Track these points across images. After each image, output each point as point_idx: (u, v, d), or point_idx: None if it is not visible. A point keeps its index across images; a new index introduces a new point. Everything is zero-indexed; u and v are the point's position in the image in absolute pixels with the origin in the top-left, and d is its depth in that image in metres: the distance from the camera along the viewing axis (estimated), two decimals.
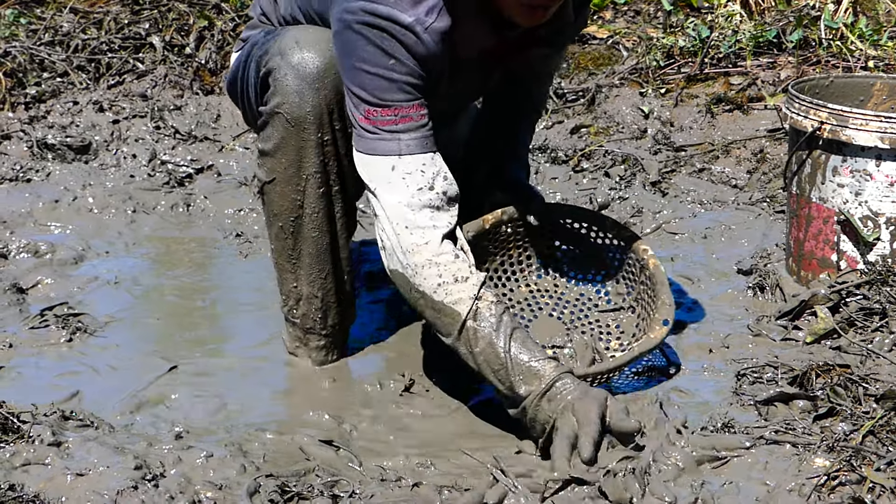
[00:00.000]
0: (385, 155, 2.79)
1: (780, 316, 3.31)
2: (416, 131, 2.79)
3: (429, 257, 2.77)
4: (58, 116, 4.71)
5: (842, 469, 2.51)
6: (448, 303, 2.75)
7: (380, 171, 2.80)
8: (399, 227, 2.78)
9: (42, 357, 3.19)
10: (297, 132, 2.94)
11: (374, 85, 2.76)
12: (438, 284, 2.76)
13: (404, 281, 2.80)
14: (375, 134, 2.78)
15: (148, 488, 2.46)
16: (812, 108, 3.36)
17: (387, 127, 2.77)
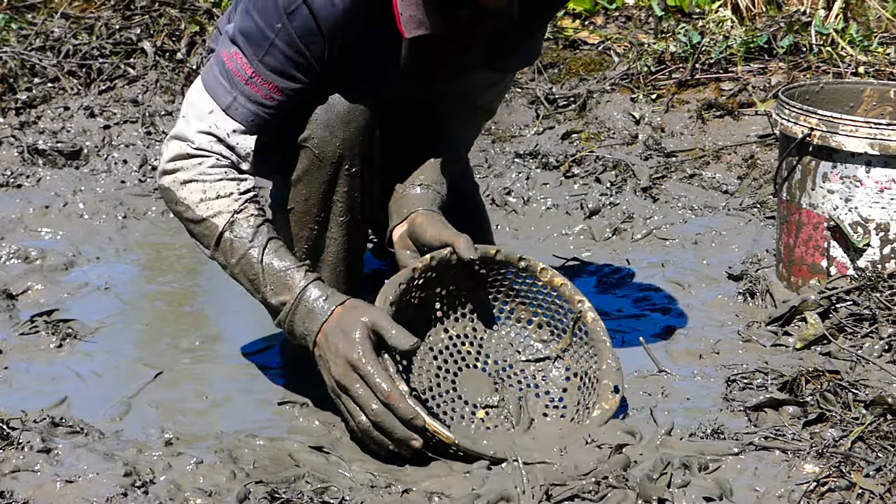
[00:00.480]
0: (213, 98, 2.79)
1: (771, 322, 3.31)
2: (253, 103, 2.77)
3: (195, 175, 2.80)
4: (48, 122, 4.70)
5: (831, 475, 2.51)
6: (207, 216, 2.80)
7: (200, 105, 2.80)
8: (184, 146, 2.80)
9: (32, 363, 3.19)
10: (324, 166, 2.86)
11: (253, 38, 2.73)
12: (201, 200, 2.80)
13: (169, 196, 2.84)
14: (220, 75, 2.77)
15: (137, 495, 2.46)
16: (802, 115, 3.37)
17: (235, 78, 2.76)
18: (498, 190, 4.31)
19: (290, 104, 2.81)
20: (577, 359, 2.92)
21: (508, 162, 4.53)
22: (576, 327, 2.90)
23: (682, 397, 3.03)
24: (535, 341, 2.97)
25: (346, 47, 2.76)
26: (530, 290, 2.94)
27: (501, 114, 4.84)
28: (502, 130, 4.78)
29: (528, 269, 2.91)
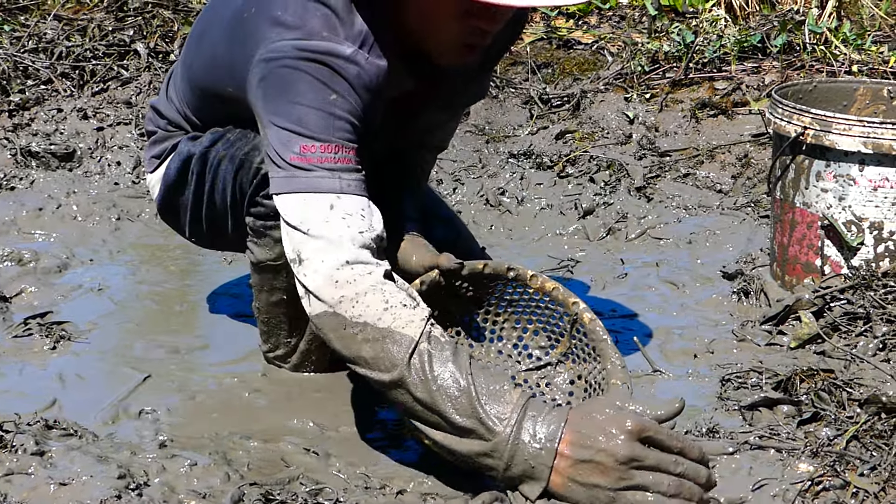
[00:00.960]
0: (325, 192, 2.51)
1: (765, 321, 3.31)
2: (354, 173, 2.55)
3: (373, 283, 2.44)
4: (42, 124, 4.70)
5: (826, 474, 2.51)
6: (395, 327, 2.40)
7: (317, 211, 2.51)
8: (337, 263, 2.46)
9: (25, 365, 3.18)
10: None
11: (313, 120, 2.53)
12: (385, 309, 2.42)
13: (337, 321, 2.44)
14: (311, 171, 2.52)
15: (132, 497, 2.45)
16: (795, 113, 3.37)
17: (325, 164, 2.52)
18: (492, 190, 4.31)
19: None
20: (580, 361, 2.92)
21: (502, 162, 4.53)
22: (573, 329, 2.89)
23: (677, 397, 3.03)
24: (534, 349, 2.96)
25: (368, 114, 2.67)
26: (522, 298, 2.93)
27: (495, 114, 4.84)
28: (496, 130, 4.78)
29: (518, 277, 2.88)
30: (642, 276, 3.77)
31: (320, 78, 2.55)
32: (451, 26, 2.65)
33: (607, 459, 2.26)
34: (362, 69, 2.60)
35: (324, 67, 2.55)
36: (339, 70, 2.57)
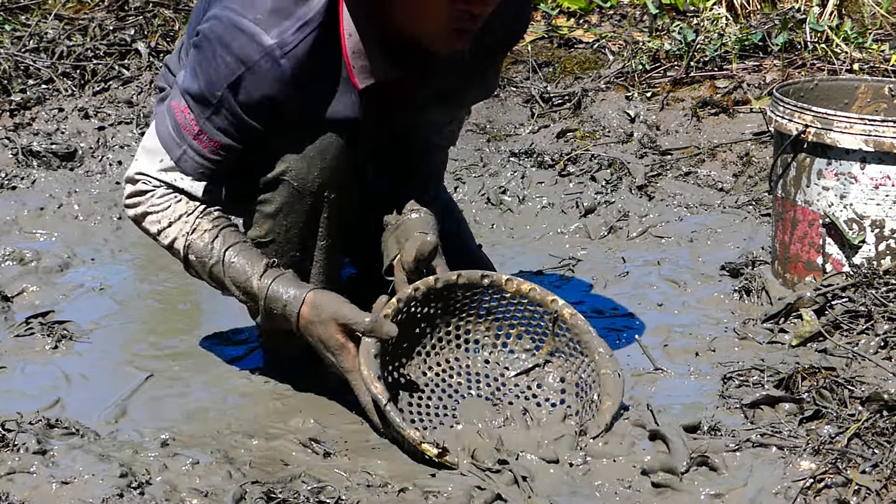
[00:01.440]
0: (165, 149, 2.86)
1: (766, 319, 3.31)
2: (201, 157, 2.84)
3: (148, 207, 2.88)
4: (43, 123, 4.69)
5: (827, 471, 2.51)
6: (167, 244, 2.90)
7: (153, 151, 2.88)
8: (137, 186, 2.89)
9: (27, 365, 3.18)
10: (304, 197, 2.88)
11: (199, 99, 2.79)
12: (158, 230, 2.90)
13: (140, 229, 2.96)
14: (171, 127, 2.84)
15: (134, 496, 2.46)
16: (797, 112, 3.37)
17: (184, 132, 2.83)
18: (493, 189, 4.31)
19: (235, 155, 2.86)
20: (567, 357, 2.91)
21: (504, 161, 4.52)
22: (555, 327, 2.89)
23: (679, 395, 3.03)
24: (520, 352, 2.95)
25: (303, 100, 2.79)
26: (500, 304, 2.92)
27: (496, 112, 4.84)
28: (497, 129, 4.78)
29: (493, 284, 2.89)
30: (644, 275, 3.76)
31: (223, 74, 2.74)
32: (439, 11, 2.67)
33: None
34: (277, 63, 2.71)
35: (235, 60, 2.72)
36: (252, 62, 2.71)
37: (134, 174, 2.91)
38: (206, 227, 2.86)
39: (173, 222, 2.87)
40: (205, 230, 2.86)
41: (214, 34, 2.75)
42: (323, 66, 2.78)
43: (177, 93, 2.85)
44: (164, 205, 2.88)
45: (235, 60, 2.72)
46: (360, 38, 2.76)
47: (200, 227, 2.86)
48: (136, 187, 2.91)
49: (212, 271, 2.87)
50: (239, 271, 2.84)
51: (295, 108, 2.78)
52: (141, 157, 2.91)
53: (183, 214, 2.87)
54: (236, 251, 2.85)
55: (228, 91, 2.75)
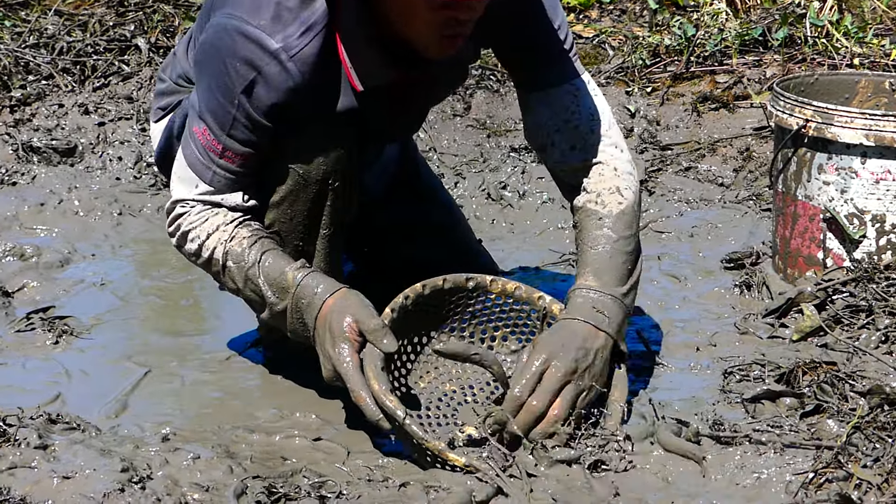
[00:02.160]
0: (195, 174, 2.87)
1: (767, 314, 3.31)
2: (231, 173, 2.85)
3: (187, 227, 2.88)
4: (43, 119, 4.69)
5: (829, 466, 2.51)
6: (208, 256, 2.88)
7: (185, 177, 2.89)
8: (175, 210, 2.91)
9: (28, 360, 3.18)
10: (310, 185, 2.88)
11: (216, 114, 2.79)
12: (199, 246, 2.88)
13: (185, 257, 2.97)
14: (198, 152, 2.85)
15: (135, 490, 2.46)
16: (797, 106, 3.37)
17: (210, 153, 2.83)
18: (493, 184, 4.31)
19: (262, 156, 2.87)
20: None
21: (504, 156, 4.52)
22: (544, 324, 2.86)
23: (680, 390, 3.03)
24: (507, 355, 2.94)
25: (310, 100, 2.80)
26: (485, 306, 2.91)
27: (497, 108, 4.84)
28: (497, 124, 4.78)
29: (478, 286, 2.88)
30: (644, 270, 3.74)
31: (235, 81, 2.74)
32: (428, 18, 2.67)
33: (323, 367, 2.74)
34: (283, 66, 2.72)
35: (243, 64, 2.72)
36: (260, 67, 2.72)
37: (171, 203, 2.93)
38: (244, 234, 2.85)
39: (212, 234, 2.87)
40: (243, 237, 2.85)
41: (221, 44, 2.75)
42: (327, 69, 2.79)
43: (194, 116, 2.85)
44: (201, 219, 2.88)
45: (245, 66, 2.73)
46: (356, 42, 2.77)
47: (239, 236, 2.85)
48: (175, 212, 2.92)
49: (248, 275, 2.82)
50: (274, 268, 2.80)
51: (304, 108, 2.80)
52: (176, 186, 2.92)
53: (220, 225, 2.86)
54: (273, 255, 2.83)
55: (244, 96, 2.75)
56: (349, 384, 2.65)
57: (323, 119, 2.84)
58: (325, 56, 2.76)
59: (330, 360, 2.69)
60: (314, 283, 2.77)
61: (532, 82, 2.99)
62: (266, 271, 2.81)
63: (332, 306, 2.73)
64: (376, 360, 2.66)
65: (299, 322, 2.78)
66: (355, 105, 2.84)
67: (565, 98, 2.96)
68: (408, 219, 3.42)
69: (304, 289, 2.76)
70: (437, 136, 4.69)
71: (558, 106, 2.95)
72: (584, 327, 2.74)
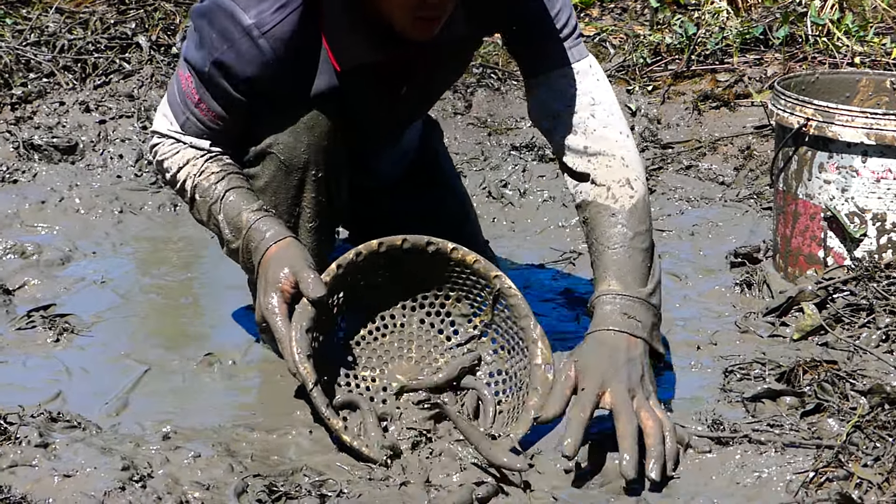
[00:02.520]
0: (173, 114, 2.94)
1: (768, 312, 3.31)
2: (202, 124, 2.92)
3: (162, 155, 2.98)
4: (44, 117, 4.69)
5: (829, 465, 2.51)
6: (178, 188, 2.98)
7: (164, 115, 2.97)
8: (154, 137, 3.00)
9: (29, 358, 3.18)
10: (291, 172, 2.92)
11: (196, 69, 2.85)
12: (172, 175, 2.97)
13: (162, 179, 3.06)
14: (178, 94, 2.92)
15: (135, 489, 2.46)
16: (798, 105, 3.37)
17: (187, 100, 2.90)
18: (494, 182, 4.31)
19: (236, 126, 2.93)
20: (502, 333, 2.89)
21: (504, 154, 4.52)
22: (495, 304, 2.85)
23: (680, 388, 3.03)
24: (456, 316, 2.93)
25: (285, 79, 2.82)
26: (444, 271, 2.89)
27: (497, 106, 4.84)
28: (498, 123, 4.78)
29: (439, 251, 2.85)
30: None
31: (210, 50, 2.80)
32: (398, 3, 2.68)
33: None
34: (255, 42, 2.75)
35: (218, 36, 2.78)
36: (234, 38, 2.77)
37: (151, 131, 3.03)
38: (213, 170, 2.92)
39: (182, 167, 2.94)
40: (212, 172, 2.92)
41: (205, 10, 2.83)
42: (304, 47, 2.80)
43: (182, 61, 2.93)
44: (173, 151, 2.96)
45: (219, 38, 2.78)
46: (338, 22, 2.79)
47: (208, 170, 2.92)
48: (152, 142, 3.02)
49: (211, 209, 2.91)
50: (234, 207, 2.88)
51: (278, 86, 2.82)
52: (157, 117, 3.00)
53: (191, 159, 2.94)
54: (237, 192, 2.90)
55: (214, 67, 2.81)
56: (276, 334, 2.76)
57: (302, 102, 2.86)
58: (302, 34, 2.77)
59: (260, 306, 2.78)
60: (265, 227, 2.84)
61: (533, 67, 2.98)
62: (226, 209, 2.89)
63: (273, 254, 2.80)
64: (303, 319, 2.71)
65: (248, 262, 2.88)
66: (336, 84, 2.85)
67: (564, 82, 2.93)
68: (420, 207, 3.42)
69: (254, 231, 2.84)
70: None
71: (558, 90, 2.94)
72: (621, 338, 2.69)
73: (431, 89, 3.21)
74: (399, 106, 3.10)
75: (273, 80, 2.80)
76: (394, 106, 3.07)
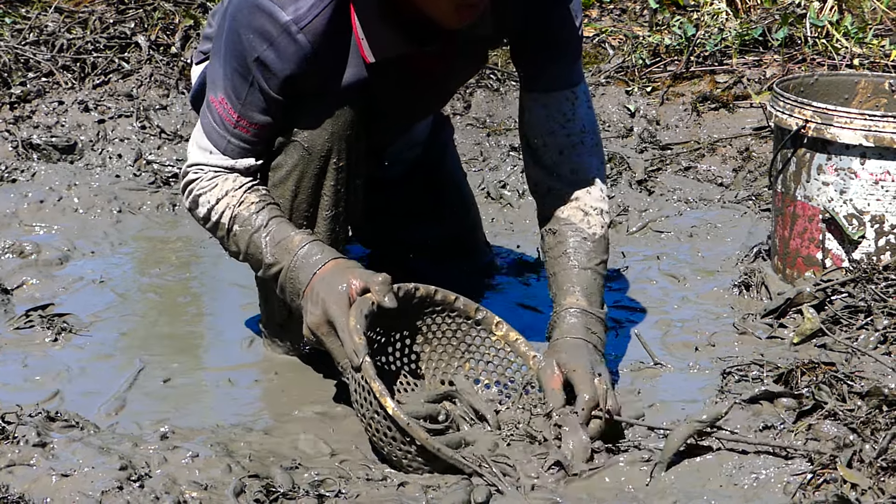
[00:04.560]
0: (211, 142, 2.93)
1: (766, 314, 3.31)
2: (244, 142, 2.91)
3: (197, 191, 2.96)
4: (43, 116, 4.69)
5: (827, 467, 2.51)
6: (215, 220, 2.95)
7: (202, 145, 2.96)
8: (188, 176, 2.98)
9: (27, 357, 3.18)
10: (313, 160, 2.92)
11: (233, 83, 2.86)
12: (208, 210, 2.94)
13: (197, 222, 3.03)
14: (214, 121, 2.92)
15: (133, 489, 2.46)
16: (797, 107, 3.37)
17: (226, 122, 2.90)
18: (493, 183, 4.31)
19: (275, 129, 2.93)
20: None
21: (503, 155, 4.52)
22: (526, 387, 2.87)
23: (678, 390, 3.03)
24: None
25: (320, 73, 2.84)
26: (483, 343, 2.93)
27: (496, 107, 4.84)
28: (497, 123, 4.78)
29: (484, 321, 2.92)
30: (643, 269, 3.76)
31: (248, 51, 2.80)
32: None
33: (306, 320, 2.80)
34: (293, 38, 2.77)
35: (256, 36, 2.78)
36: (273, 38, 2.77)
37: (187, 167, 2.99)
38: (252, 199, 2.91)
39: (221, 198, 2.92)
40: (251, 202, 2.91)
41: (238, 14, 2.81)
42: (338, 41, 2.83)
43: (212, 86, 2.92)
44: (212, 185, 2.94)
45: (258, 37, 2.78)
46: (370, 14, 2.81)
47: (247, 200, 2.92)
48: (189, 177, 2.98)
49: (252, 238, 2.89)
50: (281, 231, 2.88)
51: (314, 81, 2.84)
52: (193, 152, 2.98)
53: (230, 190, 2.92)
54: (281, 220, 2.90)
55: (256, 66, 2.80)
56: (338, 325, 2.71)
57: (330, 91, 2.87)
58: (336, 27, 2.80)
59: (313, 316, 2.76)
60: (318, 248, 2.85)
61: (536, 81, 3.03)
62: (273, 234, 2.87)
63: (333, 267, 2.81)
64: (363, 306, 2.71)
65: (293, 281, 2.84)
66: (365, 76, 2.88)
67: (564, 104, 3.02)
68: (422, 201, 3.43)
69: (306, 252, 2.84)
70: None
71: (555, 110, 3.02)
72: (586, 344, 2.85)
73: (450, 85, 3.25)
74: (419, 100, 3.13)
75: (310, 75, 2.82)
76: (415, 99, 3.11)
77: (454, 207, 3.53)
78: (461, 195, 3.58)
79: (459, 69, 3.13)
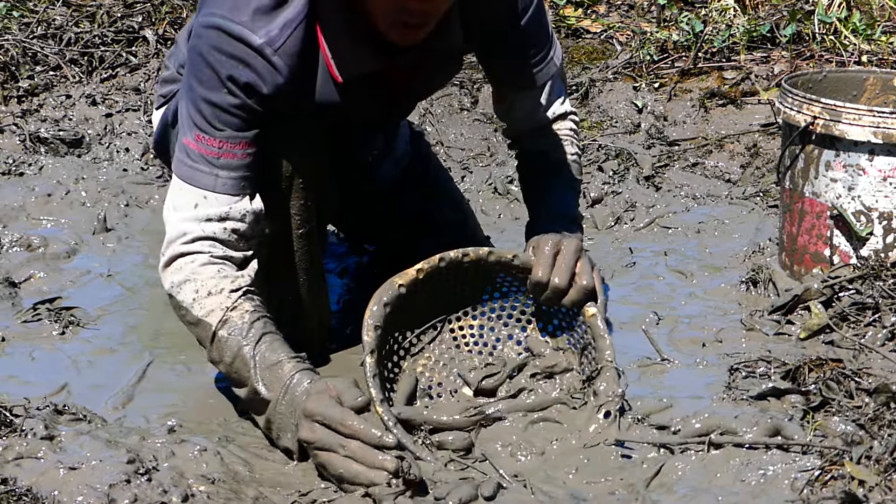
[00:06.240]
0: (198, 188, 2.77)
1: (773, 310, 3.31)
2: (234, 171, 2.77)
3: (188, 275, 2.77)
4: (50, 110, 4.70)
5: (835, 464, 2.51)
6: (201, 316, 2.74)
7: (184, 203, 2.79)
8: (175, 248, 2.80)
9: (35, 351, 3.19)
10: (278, 181, 2.87)
11: (206, 110, 2.74)
12: (194, 299, 2.75)
13: (173, 302, 2.81)
14: (195, 163, 2.76)
15: (141, 482, 2.46)
16: (805, 103, 3.36)
17: (209, 157, 2.75)
18: (500, 178, 4.31)
19: (261, 147, 2.81)
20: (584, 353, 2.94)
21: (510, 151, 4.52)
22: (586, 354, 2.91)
23: (685, 386, 3.03)
24: (550, 348, 2.96)
25: (295, 93, 2.80)
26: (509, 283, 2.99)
27: None
28: None
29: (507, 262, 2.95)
30: (650, 265, 3.76)
31: (220, 69, 2.71)
32: (380, 4, 2.70)
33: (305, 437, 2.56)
34: (269, 61, 2.72)
35: (228, 59, 2.71)
36: (247, 61, 2.72)
37: (170, 238, 2.81)
38: (247, 307, 2.73)
39: (213, 294, 2.74)
40: (246, 310, 2.72)
41: (206, 44, 2.73)
42: (309, 61, 2.80)
43: (182, 130, 2.80)
44: (207, 273, 2.77)
45: (231, 60, 2.72)
46: (337, 32, 2.79)
47: (242, 307, 2.72)
48: (173, 251, 2.81)
49: (242, 352, 2.67)
50: (274, 351, 2.67)
51: (286, 101, 2.79)
52: (173, 220, 2.80)
53: (225, 290, 2.74)
54: (271, 339, 2.70)
55: (232, 83, 2.72)
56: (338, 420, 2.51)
57: (303, 111, 2.85)
58: (307, 48, 2.78)
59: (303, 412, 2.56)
60: (307, 379, 2.62)
61: (512, 84, 3.18)
62: (263, 355, 2.67)
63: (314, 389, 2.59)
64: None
65: (281, 412, 2.63)
66: (336, 96, 2.86)
67: (536, 101, 3.20)
68: (417, 212, 3.45)
69: (296, 385, 2.61)
70: (444, 131, 4.69)
71: (531, 107, 3.21)
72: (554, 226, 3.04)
73: (425, 93, 3.30)
74: (394, 109, 3.15)
75: (284, 96, 2.77)
76: (389, 110, 3.12)
77: (450, 213, 3.54)
78: (454, 202, 3.59)
79: (434, 77, 3.13)
